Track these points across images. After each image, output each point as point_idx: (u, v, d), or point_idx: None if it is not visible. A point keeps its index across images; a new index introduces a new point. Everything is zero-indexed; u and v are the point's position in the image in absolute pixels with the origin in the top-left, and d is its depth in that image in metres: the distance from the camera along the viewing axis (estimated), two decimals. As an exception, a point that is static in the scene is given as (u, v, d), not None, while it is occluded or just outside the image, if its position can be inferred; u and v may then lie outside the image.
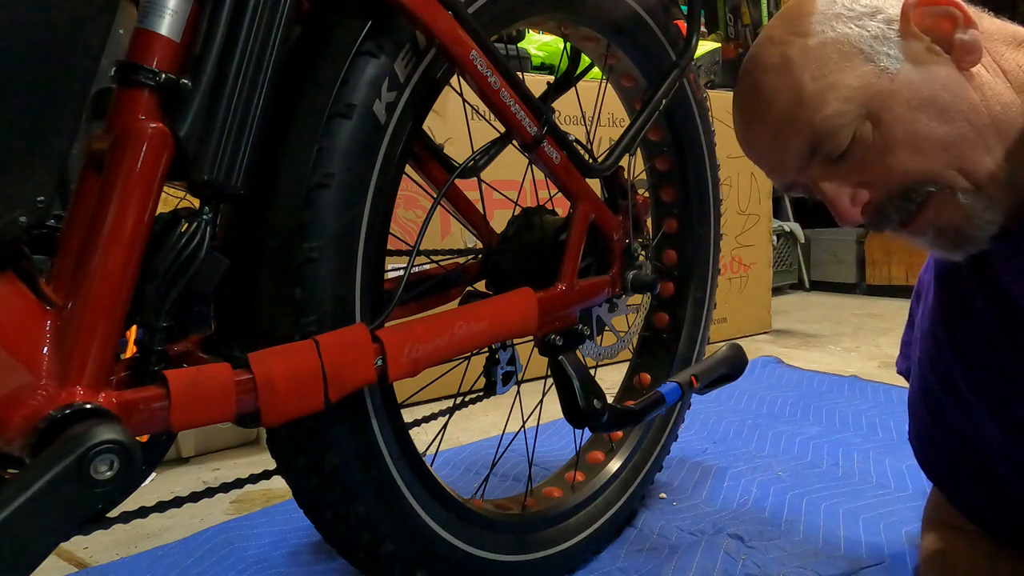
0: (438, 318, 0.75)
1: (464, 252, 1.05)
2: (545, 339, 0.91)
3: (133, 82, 0.56)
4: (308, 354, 0.63)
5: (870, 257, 3.44)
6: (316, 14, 0.72)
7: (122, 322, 0.56)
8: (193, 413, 0.57)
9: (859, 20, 0.69)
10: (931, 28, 0.67)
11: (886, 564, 1.00)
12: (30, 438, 0.50)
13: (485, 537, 0.89)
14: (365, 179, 0.71)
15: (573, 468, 1.14)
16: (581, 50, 1.09)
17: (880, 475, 1.29)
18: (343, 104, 0.69)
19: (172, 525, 1.19)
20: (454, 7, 0.72)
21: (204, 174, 0.59)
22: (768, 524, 1.12)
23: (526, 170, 1.00)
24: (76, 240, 0.55)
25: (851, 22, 0.69)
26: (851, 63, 0.68)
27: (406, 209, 1.74)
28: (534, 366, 1.01)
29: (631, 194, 1.05)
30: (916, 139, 0.66)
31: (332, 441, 0.71)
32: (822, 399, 1.75)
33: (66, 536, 0.50)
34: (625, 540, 1.10)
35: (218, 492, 0.71)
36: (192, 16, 0.58)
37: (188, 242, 0.59)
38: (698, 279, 1.27)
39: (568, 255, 0.91)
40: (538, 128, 0.83)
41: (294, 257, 0.67)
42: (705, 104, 1.22)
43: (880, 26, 0.68)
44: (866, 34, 0.68)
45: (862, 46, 0.68)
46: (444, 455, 1.45)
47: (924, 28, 0.68)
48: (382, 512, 0.76)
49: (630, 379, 1.29)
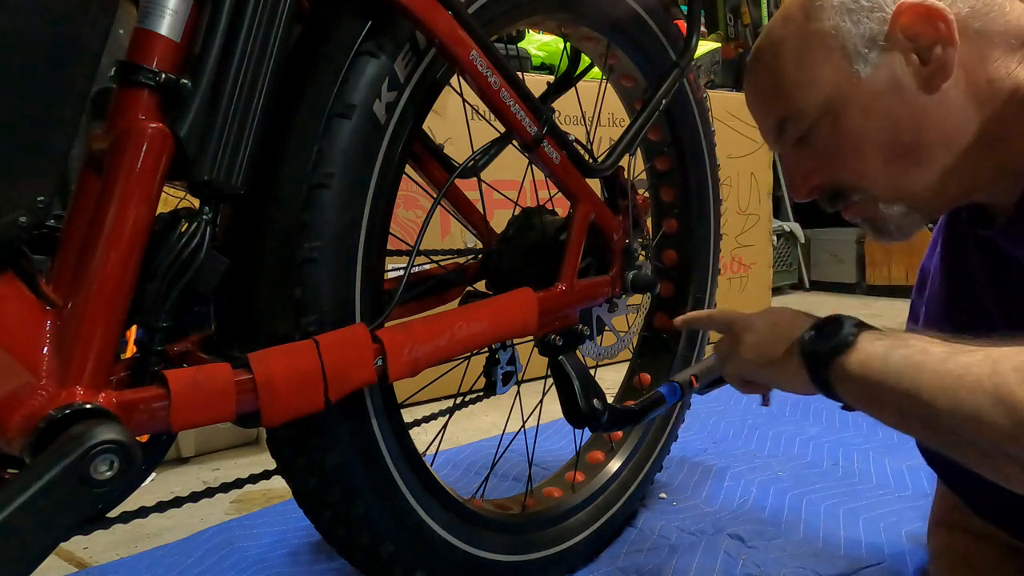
0: (438, 318, 0.75)
1: (464, 252, 1.05)
2: (545, 339, 0.91)
3: (133, 82, 0.56)
4: (308, 354, 0.63)
5: (870, 257, 3.44)
6: (316, 14, 0.72)
7: (122, 322, 0.56)
8: (193, 413, 0.57)
9: (858, 14, 0.70)
10: (917, 35, 0.68)
11: (886, 564, 1.00)
12: (30, 438, 0.50)
13: (485, 537, 0.89)
14: (365, 179, 0.71)
15: (573, 468, 1.14)
16: (581, 50, 1.09)
17: (880, 475, 1.29)
18: (343, 104, 0.69)
19: (172, 525, 1.19)
20: (454, 7, 0.72)
21: (204, 174, 0.59)
22: (768, 524, 1.12)
23: (526, 170, 1.00)
24: (76, 240, 0.55)
25: (851, 15, 0.70)
26: (831, 59, 0.71)
27: (406, 209, 1.74)
28: (534, 366, 1.01)
29: (631, 194, 1.05)
30: (862, 148, 0.72)
31: (332, 441, 0.71)
32: (822, 399, 1.72)
33: (66, 536, 0.50)
34: (625, 540, 1.10)
35: (218, 492, 0.71)
36: (192, 16, 0.58)
37: (188, 242, 0.59)
38: (698, 279, 1.27)
39: (568, 255, 0.91)
40: (538, 128, 0.83)
41: (294, 257, 0.67)
42: (705, 104, 1.22)
43: (873, 25, 0.69)
44: (857, 31, 0.70)
45: (847, 43, 0.70)
46: (444, 455, 1.45)
47: (910, 34, 0.69)
48: (382, 512, 0.76)
49: (630, 379, 1.29)
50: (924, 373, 0.58)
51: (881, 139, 0.70)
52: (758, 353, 0.75)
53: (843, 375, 0.65)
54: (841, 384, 0.66)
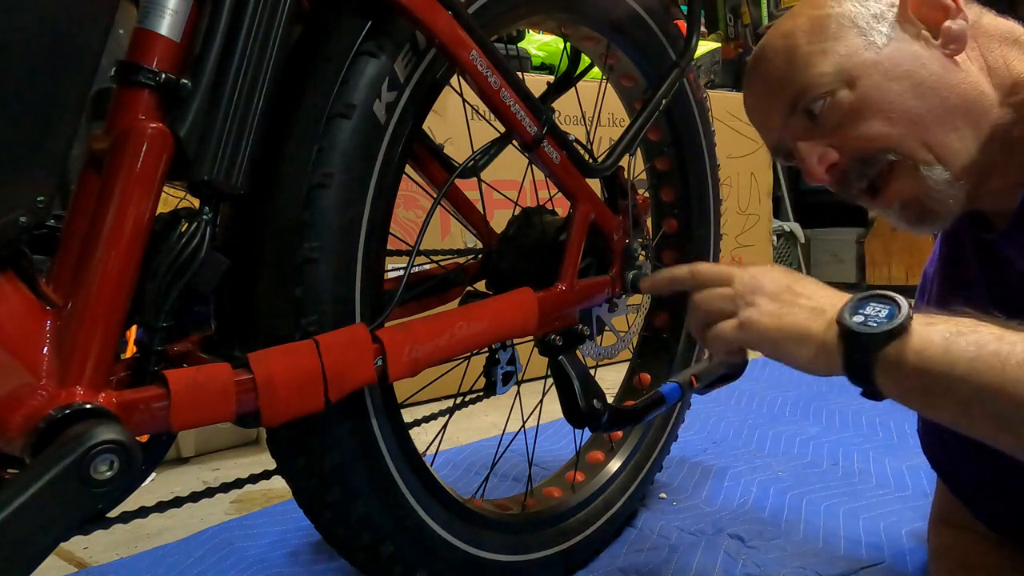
0: (438, 318, 0.75)
1: (464, 252, 1.05)
2: (545, 339, 0.90)
3: (133, 82, 0.56)
4: (308, 354, 0.63)
5: (870, 257, 3.44)
6: (316, 14, 0.72)
7: (122, 322, 0.56)
8: (193, 413, 0.57)
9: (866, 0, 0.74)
10: (925, 16, 0.72)
11: (886, 564, 1.00)
12: (30, 438, 0.50)
13: (485, 537, 0.89)
14: (365, 179, 0.71)
15: (573, 468, 1.14)
16: (581, 50, 1.09)
17: (880, 475, 1.29)
18: (343, 104, 0.69)
19: (172, 525, 1.19)
20: (454, 7, 0.72)
21: (204, 174, 0.59)
22: (768, 524, 1.12)
23: (526, 170, 1.00)
24: (76, 240, 0.55)
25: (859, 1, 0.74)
26: (845, 35, 0.72)
27: (406, 209, 1.74)
28: (534, 366, 1.01)
29: (631, 194, 1.05)
30: (887, 107, 0.70)
31: (332, 441, 0.71)
32: (822, 399, 1.75)
33: (66, 536, 0.51)
34: (625, 540, 1.10)
35: (218, 492, 0.71)
36: (192, 16, 0.58)
37: (188, 242, 0.59)
38: (698, 279, 1.27)
39: (568, 255, 0.91)
40: (538, 128, 0.83)
41: (294, 257, 0.67)
42: (705, 104, 1.22)
43: (881, 7, 0.73)
44: (866, 11, 0.73)
45: (859, 21, 0.73)
46: (444, 455, 1.45)
47: (919, 15, 0.72)
48: (382, 512, 0.76)
49: (630, 379, 1.29)
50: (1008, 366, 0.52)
51: (905, 99, 0.69)
52: (780, 324, 0.64)
53: (894, 364, 0.57)
54: (888, 373, 0.58)
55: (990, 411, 0.53)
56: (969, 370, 0.54)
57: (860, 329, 0.59)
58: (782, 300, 0.66)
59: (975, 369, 0.53)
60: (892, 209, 0.74)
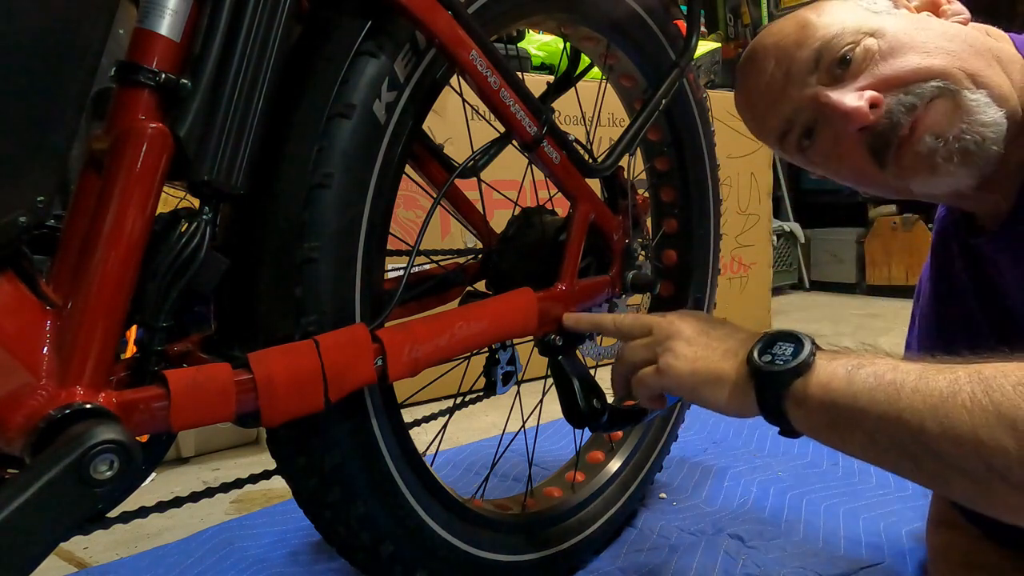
0: (438, 318, 0.75)
1: (464, 252, 1.05)
2: (545, 339, 0.90)
3: (133, 82, 0.56)
4: (308, 354, 0.63)
5: (870, 257, 3.44)
6: (316, 14, 0.72)
7: (122, 322, 0.56)
8: (193, 413, 0.57)
9: None
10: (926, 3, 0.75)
11: (886, 564, 1.00)
12: (30, 438, 0.50)
13: (485, 537, 0.89)
14: (365, 179, 0.71)
15: (573, 468, 1.14)
16: (581, 50, 1.09)
17: (880, 475, 1.29)
18: (343, 104, 0.69)
19: (172, 525, 1.19)
20: (454, 7, 0.72)
21: (204, 174, 0.59)
22: (768, 524, 1.12)
23: (526, 170, 1.00)
24: (76, 240, 0.55)
25: None
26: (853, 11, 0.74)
27: (406, 209, 1.74)
28: (534, 366, 1.01)
29: (631, 194, 1.05)
30: (920, 45, 0.69)
31: (332, 441, 0.71)
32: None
33: (66, 536, 0.51)
34: (625, 540, 1.10)
35: (218, 492, 0.71)
36: (192, 16, 0.58)
37: (188, 242, 0.59)
38: (698, 279, 1.27)
39: (568, 255, 0.91)
40: (538, 128, 0.83)
41: (294, 257, 0.67)
42: (705, 104, 1.22)
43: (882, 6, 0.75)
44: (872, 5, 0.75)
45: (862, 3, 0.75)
46: (444, 455, 1.45)
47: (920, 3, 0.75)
48: (382, 512, 0.76)
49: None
50: (903, 393, 0.52)
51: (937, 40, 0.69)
52: (694, 368, 0.66)
53: (801, 399, 0.58)
54: (797, 408, 0.59)
55: (893, 440, 0.53)
56: (870, 400, 0.54)
57: (768, 368, 0.60)
58: (697, 344, 0.67)
59: (875, 399, 0.54)
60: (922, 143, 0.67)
